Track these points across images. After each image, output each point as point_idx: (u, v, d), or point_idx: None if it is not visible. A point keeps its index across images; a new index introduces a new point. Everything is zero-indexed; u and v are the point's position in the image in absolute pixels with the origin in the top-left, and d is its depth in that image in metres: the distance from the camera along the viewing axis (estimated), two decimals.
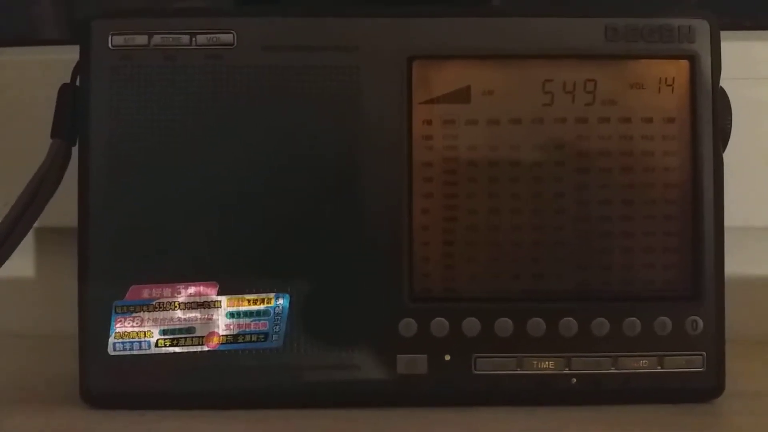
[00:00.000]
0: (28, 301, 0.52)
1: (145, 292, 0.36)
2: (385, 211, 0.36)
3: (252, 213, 0.36)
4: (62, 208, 0.37)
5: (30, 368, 0.44)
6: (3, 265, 0.37)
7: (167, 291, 0.36)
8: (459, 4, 0.36)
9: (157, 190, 0.36)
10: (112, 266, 0.36)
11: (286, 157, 0.36)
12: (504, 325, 0.36)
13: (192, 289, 0.36)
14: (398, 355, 0.36)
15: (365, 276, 0.36)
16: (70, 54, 0.37)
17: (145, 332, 0.36)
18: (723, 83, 0.37)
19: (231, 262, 0.36)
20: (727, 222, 0.37)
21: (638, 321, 0.36)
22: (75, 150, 0.37)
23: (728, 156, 0.38)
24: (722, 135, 0.37)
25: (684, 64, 0.37)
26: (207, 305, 0.36)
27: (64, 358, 0.39)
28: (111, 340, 0.36)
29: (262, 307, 0.36)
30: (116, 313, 0.36)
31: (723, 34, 0.38)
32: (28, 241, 0.38)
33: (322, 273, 0.36)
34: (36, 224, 0.37)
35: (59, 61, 0.39)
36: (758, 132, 0.48)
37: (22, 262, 0.51)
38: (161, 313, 0.36)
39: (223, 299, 0.36)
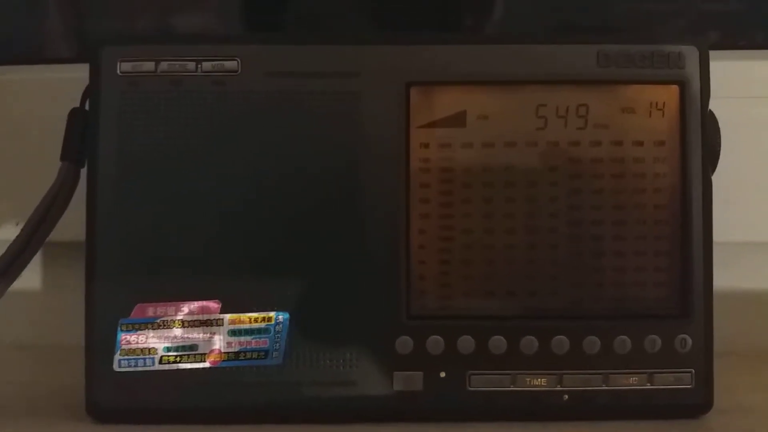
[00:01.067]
0: (33, 313, 0.52)
1: (150, 311, 0.37)
2: (383, 231, 0.37)
3: (254, 234, 0.37)
4: (67, 222, 0.38)
5: (36, 380, 0.44)
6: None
7: (171, 309, 0.37)
8: (451, 31, 0.37)
9: (163, 211, 0.37)
10: (118, 285, 0.36)
11: (288, 180, 0.37)
12: (498, 343, 0.37)
13: (195, 307, 0.37)
14: (395, 372, 0.37)
15: (363, 294, 0.37)
16: (80, 72, 0.38)
17: (149, 349, 0.36)
18: (721, 102, 0.38)
19: (233, 281, 0.37)
20: (726, 237, 0.38)
21: (629, 339, 0.37)
22: (83, 171, 0.38)
23: (726, 173, 0.38)
24: (711, 157, 0.38)
25: (674, 89, 0.38)
26: (210, 323, 0.37)
27: (69, 370, 0.39)
28: (116, 356, 0.36)
29: (262, 325, 0.37)
30: (122, 330, 0.36)
31: (719, 53, 0.38)
32: (35, 255, 0.39)
33: (322, 292, 0.37)
34: None
35: (69, 79, 0.39)
36: (754, 149, 0.48)
37: (28, 275, 0.52)
38: (165, 330, 0.36)
39: (225, 317, 0.37)
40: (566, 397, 0.37)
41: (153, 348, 0.36)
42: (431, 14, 0.54)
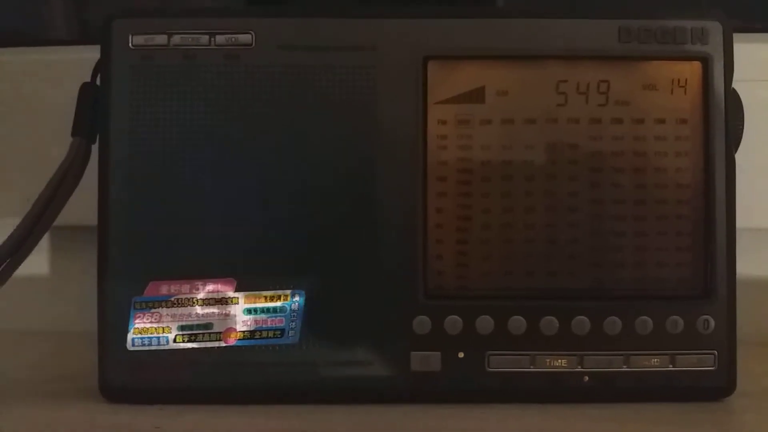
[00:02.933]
0: (43, 299, 0.52)
1: (164, 288, 0.36)
2: (399, 210, 0.36)
3: (269, 210, 0.36)
4: (76, 206, 0.38)
5: (48, 364, 0.44)
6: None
7: (185, 287, 0.36)
8: (467, 4, 0.37)
9: (176, 188, 0.36)
10: (132, 262, 0.36)
11: (302, 155, 0.36)
12: (517, 323, 0.36)
13: (210, 286, 0.36)
14: (412, 352, 0.36)
15: (380, 273, 0.36)
16: (83, 54, 0.38)
17: (163, 328, 0.36)
18: (735, 85, 0.37)
19: (248, 258, 0.36)
20: (739, 223, 0.37)
21: (650, 320, 0.36)
22: (95, 147, 0.38)
23: (739, 158, 0.38)
24: (734, 136, 0.38)
25: (697, 65, 0.37)
26: (224, 301, 0.36)
27: (80, 354, 0.39)
28: (130, 335, 0.36)
29: (278, 303, 0.36)
30: (135, 309, 0.36)
31: (735, 36, 0.38)
32: (43, 240, 0.39)
33: (338, 270, 0.36)
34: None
35: (76, 60, 0.39)
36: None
37: (37, 261, 0.52)
38: (179, 309, 0.36)
39: (241, 295, 0.36)
40: (587, 378, 0.37)
41: (167, 327, 0.36)
42: None
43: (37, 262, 0.53)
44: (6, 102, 0.51)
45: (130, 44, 0.37)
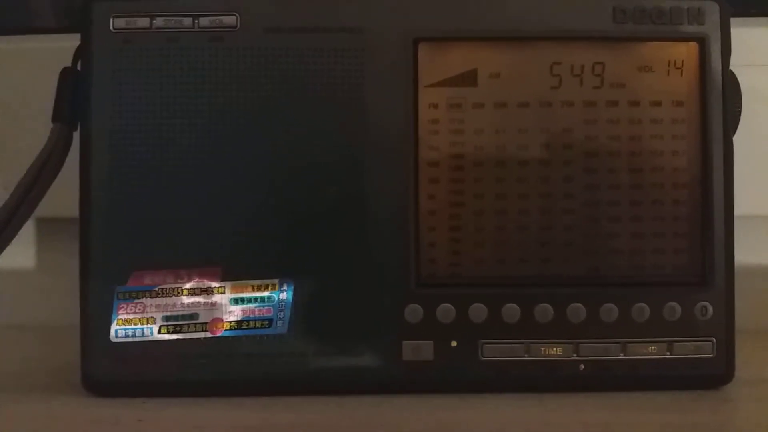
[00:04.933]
0: (27, 292, 0.52)
1: (148, 278, 0.36)
2: (390, 196, 0.36)
3: (255, 197, 0.36)
4: (61, 198, 0.37)
5: (31, 358, 0.44)
6: (2, 256, 0.36)
7: (170, 277, 0.36)
8: None
9: (160, 175, 0.36)
10: (115, 252, 0.36)
11: (290, 140, 0.36)
12: (511, 311, 0.36)
13: (195, 275, 0.36)
14: (404, 342, 0.36)
15: (371, 261, 0.36)
16: (69, 42, 0.37)
17: (147, 319, 0.36)
18: (738, 70, 0.37)
19: (235, 248, 0.36)
20: (739, 210, 0.37)
21: (647, 306, 0.36)
22: (76, 135, 0.37)
23: (736, 144, 0.37)
24: (732, 119, 0.37)
25: (693, 46, 0.37)
26: (211, 291, 0.36)
27: (64, 348, 0.39)
28: (113, 326, 0.36)
29: (266, 293, 0.36)
30: (118, 299, 0.36)
31: (732, 20, 0.37)
32: (28, 232, 0.38)
33: (327, 258, 0.36)
34: (36, 214, 0.37)
35: (58, 49, 0.38)
36: (762, 120, 0.47)
37: (22, 254, 0.52)
38: (164, 299, 0.36)
39: (227, 285, 0.36)
40: (582, 366, 0.36)
41: (151, 317, 0.36)
42: None
43: (23, 255, 0.52)
44: None
45: (111, 27, 0.36)
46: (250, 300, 0.36)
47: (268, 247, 0.36)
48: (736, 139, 0.38)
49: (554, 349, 0.36)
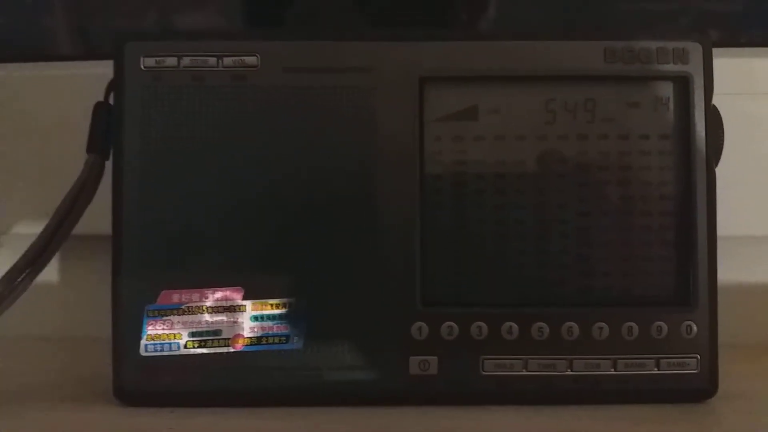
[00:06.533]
0: (52, 305, 0.52)
1: (175, 297, 0.37)
2: (398, 222, 0.38)
3: (274, 224, 0.38)
4: (91, 216, 0.39)
5: (61, 370, 0.45)
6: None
7: (196, 296, 0.37)
8: (460, 27, 0.38)
9: (186, 202, 0.37)
10: (144, 272, 0.37)
11: (306, 171, 0.38)
12: (510, 329, 0.37)
13: (219, 294, 0.37)
14: (411, 357, 0.37)
15: (380, 282, 0.37)
16: (89, 69, 0.39)
17: (174, 334, 0.37)
18: (721, 98, 0.38)
19: (254, 268, 0.37)
20: (725, 231, 0.38)
21: (636, 325, 0.37)
22: (108, 164, 0.39)
23: (725, 168, 0.38)
24: (715, 150, 0.39)
25: (678, 84, 0.38)
26: (233, 309, 0.37)
27: (92, 360, 0.40)
28: (143, 341, 0.37)
29: (284, 311, 0.37)
30: (148, 316, 0.37)
31: (721, 51, 0.39)
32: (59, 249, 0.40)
33: (340, 279, 0.37)
34: None
35: (79, 76, 0.41)
36: (754, 145, 0.49)
37: (54, 269, 0.53)
38: (190, 316, 0.37)
39: (248, 303, 0.37)
40: (576, 381, 0.37)
41: (178, 333, 0.37)
42: (426, 11, 0.55)
43: (47, 270, 0.53)
44: (13, 117, 0.52)
45: (141, 66, 0.38)
46: (268, 317, 0.37)
47: (286, 268, 0.37)
48: (734, 163, 0.39)
49: (550, 364, 0.37)
